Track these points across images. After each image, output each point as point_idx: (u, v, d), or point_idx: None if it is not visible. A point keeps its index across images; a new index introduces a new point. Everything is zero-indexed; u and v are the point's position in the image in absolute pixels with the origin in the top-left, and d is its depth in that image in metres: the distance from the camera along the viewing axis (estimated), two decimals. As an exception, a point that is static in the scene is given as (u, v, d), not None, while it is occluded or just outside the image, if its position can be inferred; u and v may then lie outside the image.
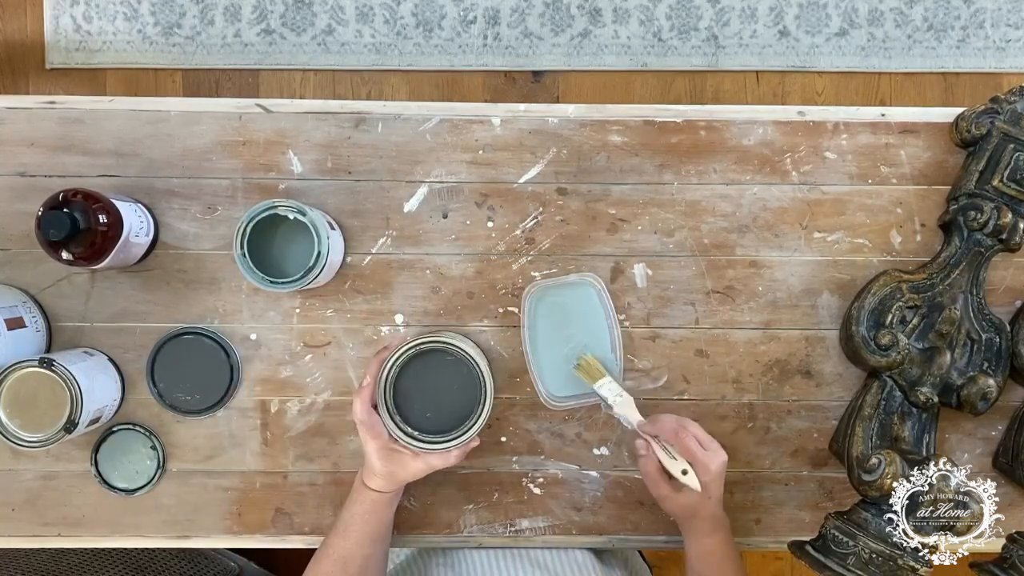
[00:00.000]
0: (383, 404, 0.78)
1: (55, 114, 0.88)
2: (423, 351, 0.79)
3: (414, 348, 0.79)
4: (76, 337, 0.88)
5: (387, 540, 0.84)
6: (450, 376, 0.79)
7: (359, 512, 0.80)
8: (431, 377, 0.79)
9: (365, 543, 0.80)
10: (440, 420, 0.79)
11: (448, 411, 0.79)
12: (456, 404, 0.79)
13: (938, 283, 0.85)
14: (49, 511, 0.88)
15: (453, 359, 0.79)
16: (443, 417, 0.79)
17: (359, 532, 0.80)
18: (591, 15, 1.70)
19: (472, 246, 0.89)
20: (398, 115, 0.89)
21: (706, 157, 0.89)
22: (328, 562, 0.80)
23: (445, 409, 0.79)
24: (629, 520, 0.90)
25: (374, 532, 0.81)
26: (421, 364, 0.79)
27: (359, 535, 0.80)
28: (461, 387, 0.79)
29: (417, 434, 0.78)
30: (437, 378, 0.79)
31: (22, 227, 0.87)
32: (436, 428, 0.79)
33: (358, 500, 0.80)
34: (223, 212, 0.88)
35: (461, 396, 0.79)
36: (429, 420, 0.79)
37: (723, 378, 0.90)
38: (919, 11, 1.70)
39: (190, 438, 0.88)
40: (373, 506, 0.80)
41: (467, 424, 0.78)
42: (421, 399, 0.79)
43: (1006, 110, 0.85)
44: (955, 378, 0.83)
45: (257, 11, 1.70)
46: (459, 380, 0.79)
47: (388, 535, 0.84)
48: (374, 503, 0.80)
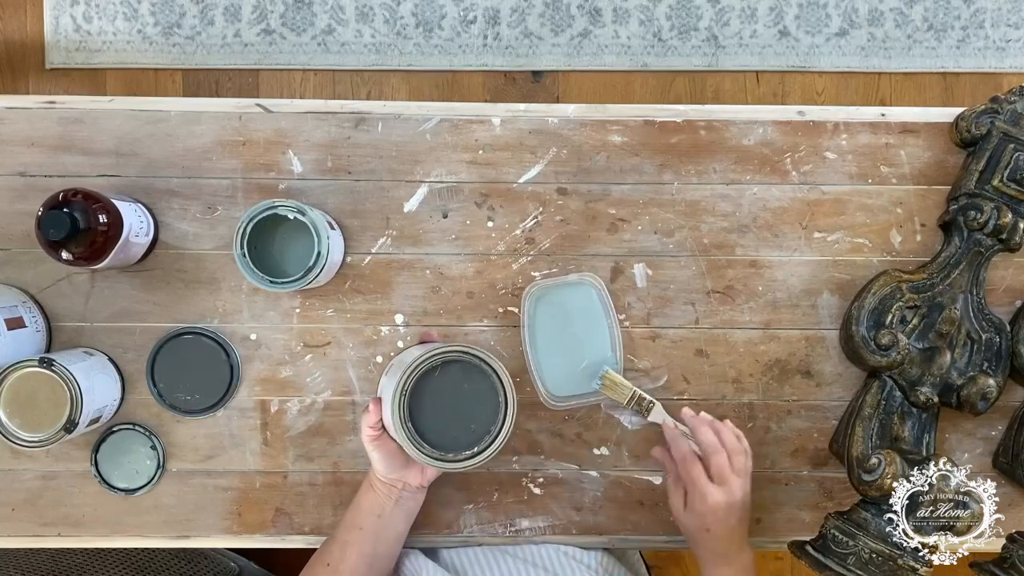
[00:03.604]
0: (399, 421, 0.70)
1: (55, 114, 0.88)
2: (443, 362, 0.72)
3: (431, 359, 0.71)
4: (76, 337, 0.88)
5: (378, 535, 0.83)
6: (469, 387, 0.72)
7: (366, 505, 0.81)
8: (448, 389, 0.72)
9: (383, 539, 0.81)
10: (458, 434, 0.72)
11: (465, 424, 0.72)
12: (474, 416, 0.72)
13: (938, 283, 0.85)
14: (49, 511, 0.88)
15: (472, 369, 0.72)
16: (460, 430, 0.72)
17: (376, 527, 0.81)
18: (591, 15, 1.70)
19: (472, 246, 0.89)
20: (398, 115, 0.89)
21: (706, 157, 0.89)
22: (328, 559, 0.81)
23: (462, 422, 0.72)
24: (629, 520, 0.90)
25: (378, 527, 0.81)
26: (438, 376, 0.72)
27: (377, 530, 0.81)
28: (479, 399, 0.72)
29: (437, 452, 0.71)
30: (455, 389, 0.72)
31: (22, 227, 0.87)
32: (453, 443, 0.72)
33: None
34: (223, 212, 0.88)
35: (478, 407, 0.72)
36: (446, 435, 0.72)
37: (723, 378, 0.90)
38: (919, 11, 1.70)
39: (190, 438, 0.88)
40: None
41: (489, 439, 0.72)
42: (438, 412, 0.72)
43: (1006, 110, 0.85)
44: (955, 378, 0.83)
45: (257, 11, 1.69)
46: (477, 391, 0.72)
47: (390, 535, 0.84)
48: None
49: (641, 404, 0.87)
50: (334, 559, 0.81)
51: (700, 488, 0.78)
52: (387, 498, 0.80)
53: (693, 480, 0.78)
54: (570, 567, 0.87)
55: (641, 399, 0.87)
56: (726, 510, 0.77)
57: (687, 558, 1.67)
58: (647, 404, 0.87)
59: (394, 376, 0.74)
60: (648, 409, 0.87)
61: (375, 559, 0.81)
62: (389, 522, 0.81)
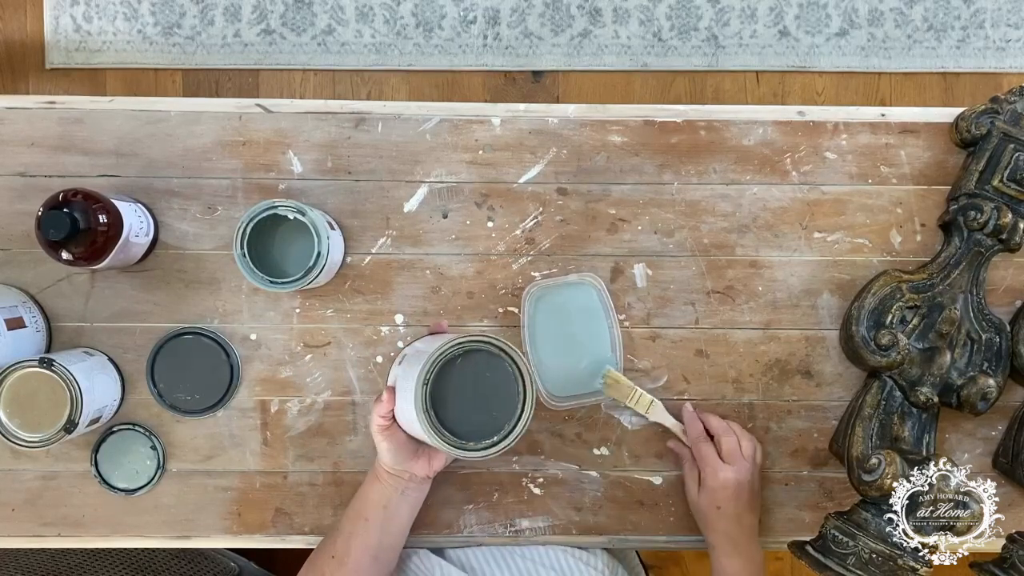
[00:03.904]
0: (421, 408, 0.70)
1: (55, 114, 0.88)
2: (466, 351, 0.71)
3: (455, 347, 0.71)
4: (76, 337, 0.88)
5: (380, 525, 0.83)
6: (491, 376, 0.72)
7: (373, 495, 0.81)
8: (468, 377, 0.72)
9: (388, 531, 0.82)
10: (478, 423, 0.71)
11: (486, 413, 0.72)
12: (494, 405, 0.72)
13: (938, 283, 0.85)
14: (49, 511, 0.88)
15: (493, 359, 0.72)
16: (481, 419, 0.71)
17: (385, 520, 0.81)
18: (591, 15, 1.70)
19: (472, 246, 0.89)
20: (398, 115, 0.89)
21: (706, 157, 0.89)
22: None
23: (483, 411, 0.72)
24: (629, 520, 0.90)
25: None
26: (460, 365, 0.72)
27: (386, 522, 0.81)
28: (500, 388, 0.72)
29: (457, 441, 0.70)
30: (475, 378, 0.72)
31: (22, 227, 0.87)
32: (474, 431, 0.71)
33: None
34: (223, 212, 0.88)
35: (499, 397, 0.72)
36: (467, 423, 0.71)
37: (723, 378, 0.90)
38: (919, 11, 1.70)
39: (190, 438, 0.88)
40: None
41: (508, 427, 0.72)
42: (459, 401, 0.71)
43: (1006, 110, 0.85)
44: (955, 378, 0.83)
45: (257, 11, 1.70)
46: (498, 380, 0.72)
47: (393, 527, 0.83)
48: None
49: (643, 403, 0.87)
50: (339, 551, 0.80)
51: (711, 464, 0.83)
52: (393, 489, 0.80)
53: (705, 458, 0.83)
54: (578, 569, 0.87)
55: (642, 398, 0.87)
56: (735, 487, 0.82)
57: (687, 558, 1.67)
58: (649, 403, 0.87)
59: (413, 365, 0.73)
60: (650, 409, 0.87)
61: (380, 550, 0.81)
62: (395, 513, 0.81)
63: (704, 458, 0.83)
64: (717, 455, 0.84)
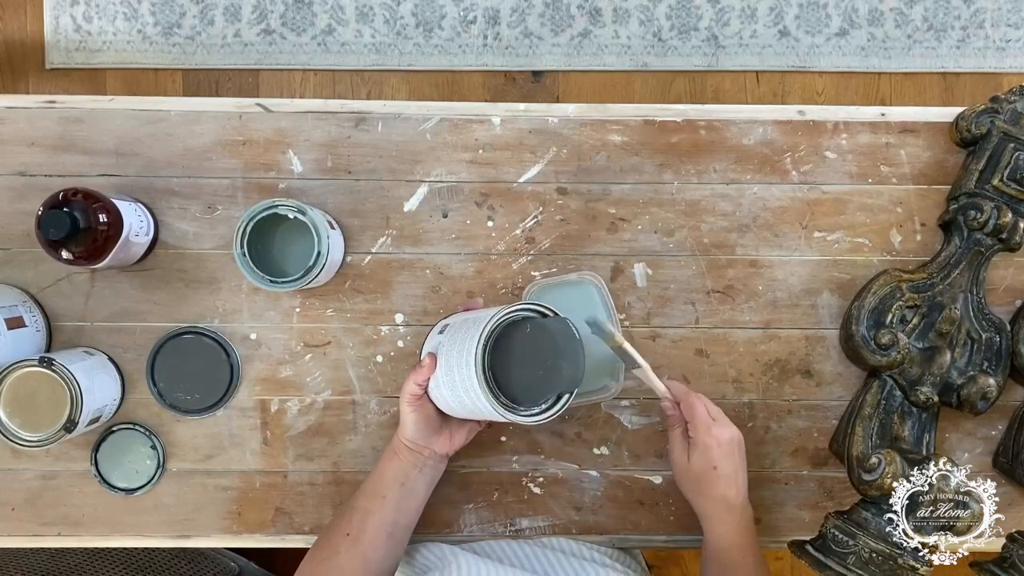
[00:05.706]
0: (479, 371, 0.70)
1: (55, 114, 0.88)
2: (522, 318, 0.73)
3: (513, 313, 0.72)
4: (76, 337, 0.88)
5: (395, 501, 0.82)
6: (542, 343, 0.73)
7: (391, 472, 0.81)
8: (524, 343, 0.72)
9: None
10: (531, 389, 0.72)
11: (541, 378, 0.73)
12: (545, 371, 0.73)
13: (938, 283, 0.85)
14: (49, 511, 0.88)
15: (544, 327, 0.73)
16: (534, 386, 0.72)
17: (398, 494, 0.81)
18: (591, 15, 1.70)
19: (472, 246, 0.89)
20: (398, 115, 0.89)
21: (706, 157, 0.89)
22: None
23: (537, 378, 0.72)
24: (629, 520, 0.90)
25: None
26: (514, 331, 0.72)
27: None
28: (554, 351, 0.73)
29: (513, 406, 0.71)
30: (531, 345, 0.72)
31: (22, 227, 0.87)
32: (528, 397, 0.72)
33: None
34: (223, 212, 0.88)
35: (549, 363, 0.73)
36: (521, 389, 0.72)
37: (723, 378, 0.90)
38: (919, 11, 1.70)
39: (190, 438, 0.88)
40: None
41: (561, 392, 0.73)
42: (515, 367, 0.72)
43: (1006, 110, 0.85)
44: (955, 378, 0.83)
45: (257, 11, 1.70)
46: (551, 348, 0.73)
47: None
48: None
49: (626, 355, 0.83)
50: (354, 528, 0.79)
51: (703, 420, 0.79)
52: (412, 465, 0.80)
53: (696, 415, 0.79)
54: (598, 557, 0.87)
55: (627, 353, 0.82)
56: (729, 443, 0.79)
57: (687, 558, 1.67)
58: (631, 360, 0.82)
59: (460, 331, 0.74)
60: (632, 363, 0.83)
61: (396, 528, 0.80)
62: (412, 490, 0.81)
63: (695, 414, 0.79)
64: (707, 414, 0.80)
